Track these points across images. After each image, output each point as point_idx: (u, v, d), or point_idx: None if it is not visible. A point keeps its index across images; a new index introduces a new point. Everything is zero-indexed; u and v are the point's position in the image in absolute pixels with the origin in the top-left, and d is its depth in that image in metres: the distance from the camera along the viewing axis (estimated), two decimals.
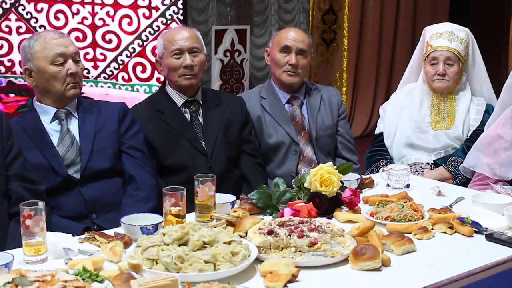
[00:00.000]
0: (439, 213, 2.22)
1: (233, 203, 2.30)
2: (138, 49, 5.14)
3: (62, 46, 2.49)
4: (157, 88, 3.14)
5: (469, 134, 3.18)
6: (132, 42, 5.14)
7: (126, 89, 5.19)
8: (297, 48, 3.10)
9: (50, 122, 2.53)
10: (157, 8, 5.11)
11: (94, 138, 2.53)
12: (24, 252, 1.83)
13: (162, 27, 5.09)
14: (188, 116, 2.88)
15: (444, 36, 3.19)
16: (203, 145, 2.84)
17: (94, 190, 2.48)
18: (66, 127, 2.53)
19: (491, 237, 2.04)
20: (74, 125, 2.55)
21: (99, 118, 2.60)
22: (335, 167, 2.35)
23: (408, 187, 2.67)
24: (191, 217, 2.16)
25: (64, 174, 2.45)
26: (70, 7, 5.06)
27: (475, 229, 2.09)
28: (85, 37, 5.10)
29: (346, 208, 2.32)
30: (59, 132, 2.52)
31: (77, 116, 2.57)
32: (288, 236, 1.90)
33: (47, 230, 1.88)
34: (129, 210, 2.30)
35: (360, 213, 2.28)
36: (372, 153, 3.32)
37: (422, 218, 2.18)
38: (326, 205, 2.27)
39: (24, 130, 2.48)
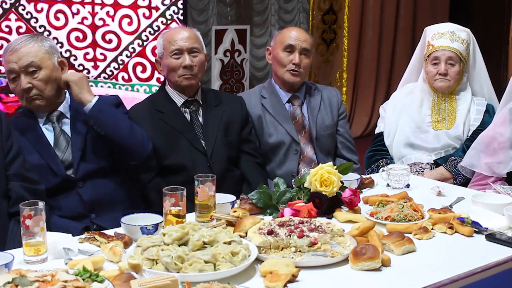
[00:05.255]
0: (439, 213, 2.22)
1: (233, 203, 2.30)
2: (138, 49, 5.13)
3: (12, 62, 2.44)
4: (157, 88, 3.14)
5: (469, 134, 3.19)
6: (132, 42, 5.13)
7: (126, 89, 5.18)
8: (301, 47, 3.11)
9: (43, 125, 2.53)
10: (157, 8, 5.10)
11: (85, 136, 2.52)
12: (24, 252, 1.83)
13: (162, 27, 5.08)
14: (188, 116, 2.89)
15: (446, 36, 3.19)
16: (203, 145, 2.84)
17: (92, 190, 2.48)
18: (58, 129, 2.52)
19: (491, 237, 2.04)
20: (67, 126, 2.54)
21: None
22: (335, 167, 2.35)
23: (408, 187, 2.67)
24: (191, 217, 2.16)
25: (62, 175, 2.45)
26: (70, 7, 5.05)
27: (475, 229, 2.09)
28: (85, 37, 5.09)
29: (346, 208, 2.32)
30: (53, 134, 2.52)
31: (69, 117, 2.56)
32: (288, 236, 1.90)
33: (47, 230, 1.88)
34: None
35: (360, 213, 2.28)
36: (372, 152, 3.32)
37: (422, 218, 2.18)
38: (326, 205, 2.27)
39: (22, 131, 2.48)
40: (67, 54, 4.99)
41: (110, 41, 5.13)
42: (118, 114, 2.56)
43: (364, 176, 2.74)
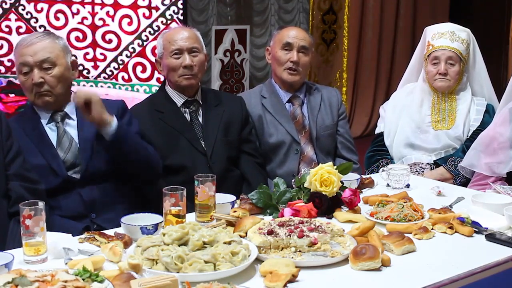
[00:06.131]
0: (439, 213, 2.22)
1: (233, 203, 2.30)
2: (138, 49, 5.13)
3: (27, 55, 2.44)
4: (157, 88, 3.14)
5: (469, 134, 3.19)
6: (132, 42, 5.13)
7: (126, 89, 5.18)
8: (298, 45, 3.11)
9: (47, 124, 2.52)
10: (157, 8, 5.10)
11: (93, 139, 2.52)
12: (24, 252, 1.83)
13: (162, 27, 5.09)
14: (188, 116, 2.89)
15: (446, 36, 3.20)
16: (203, 145, 2.84)
17: (93, 191, 2.48)
18: (62, 129, 2.51)
19: (491, 237, 2.04)
20: (70, 127, 2.53)
21: None
22: (335, 167, 2.35)
23: (408, 187, 2.67)
24: (191, 217, 2.16)
25: (63, 175, 2.45)
26: (70, 7, 5.05)
27: (475, 229, 2.09)
28: (85, 37, 5.09)
29: (346, 208, 2.32)
30: (56, 134, 2.52)
31: (74, 118, 2.55)
32: (288, 236, 1.89)
33: (47, 230, 1.88)
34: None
35: (360, 213, 2.28)
36: (373, 153, 3.32)
37: (422, 218, 2.18)
38: (326, 205, 2.27)
39: (24, 129, 2.47)
40: None
41: (110, 41, 5.13)
42: (136, 138, 2.54)
43: (364, 176, 2.74)
